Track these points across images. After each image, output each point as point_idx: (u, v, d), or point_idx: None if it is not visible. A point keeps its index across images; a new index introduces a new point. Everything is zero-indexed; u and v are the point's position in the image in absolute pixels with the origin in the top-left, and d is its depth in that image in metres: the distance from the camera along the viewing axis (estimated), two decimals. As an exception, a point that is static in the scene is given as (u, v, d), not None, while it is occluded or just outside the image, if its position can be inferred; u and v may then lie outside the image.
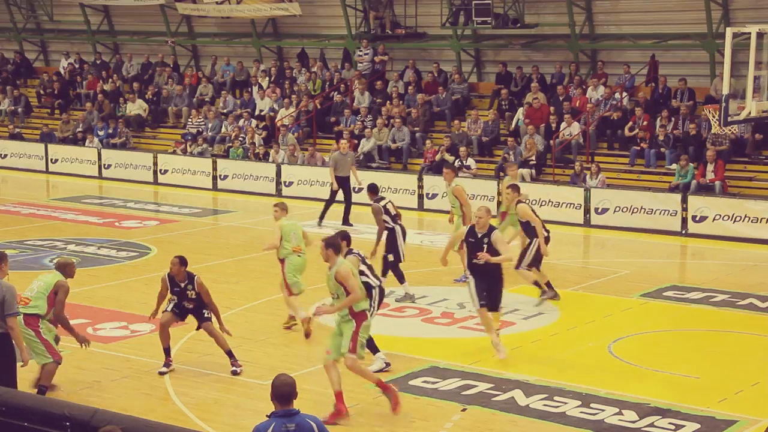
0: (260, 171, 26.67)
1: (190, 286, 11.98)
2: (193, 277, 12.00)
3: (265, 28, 32.14)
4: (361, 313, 10.72)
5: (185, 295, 12.02)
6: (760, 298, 15.52)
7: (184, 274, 11.98)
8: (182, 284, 12.01)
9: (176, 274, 11.99)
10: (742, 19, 23.25)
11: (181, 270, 11.96)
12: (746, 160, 22.86)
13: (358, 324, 10.70)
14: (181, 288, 12.02)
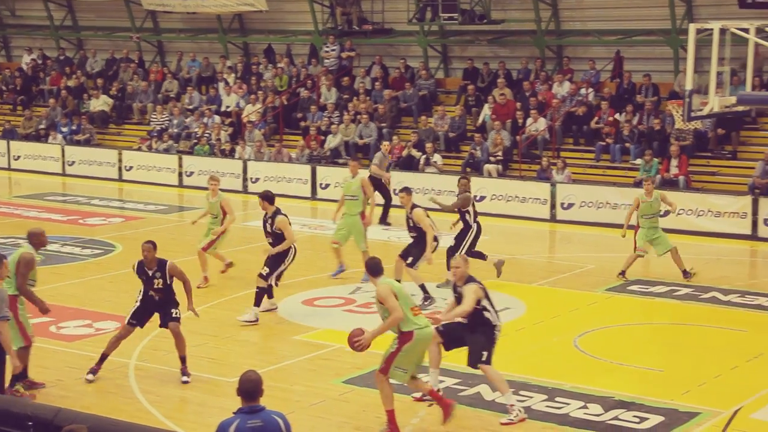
0: (226, 167, 26.55)
1: (158, 274, 11.53)
2: (164, 264, 11.54)
3: (231, 24, 32.00)
4: (407, 333, 9.91)
5: (152, 283, 11.59)
6: (723, 292, 15.68)
7: (155, 260, 11.60)
8: (150, 272, 11.57)
9: (149, 260, 11.57)
10: (705, 16, 23.47)
11: (153, 256, 11.56)
12: (709, 155, 23.08)
13: (400, 346, 9.94)
14: (148, 276, 11.60)
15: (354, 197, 16.20)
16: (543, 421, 10.43)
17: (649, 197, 16.33)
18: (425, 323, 10.10)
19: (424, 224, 14.72)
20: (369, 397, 11.13)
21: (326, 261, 17.25)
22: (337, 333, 13.64)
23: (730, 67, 15.92)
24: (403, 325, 9.93)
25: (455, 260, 10.83)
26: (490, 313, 10.55)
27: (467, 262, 10.80)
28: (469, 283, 10.49)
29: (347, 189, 16.31)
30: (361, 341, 9.95)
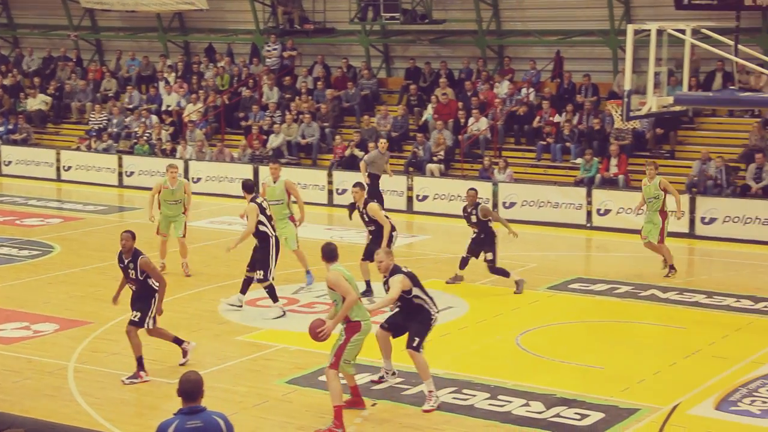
0: (167, 167, 26.25)
1: (131, 265, 11.55)
2: (137, 256, 11.55)
3: (171, 23, 31.71)
4: (354, 324, 10.17)
5: (127, 273, 11.65)
6: (661, 289, 15.91)
7: (131, 251, 11.59)
8: (126, 261, 11.61)
9: (126, 249, 11.59)
10: (642, 17, 23.79)
11: (131, 246, 11.58)
12: (647, 154, 23.37)
13: (348, 337, 10.16)
14: (124, 265, 11.65)
15: (279, 201, 15.90)
16: (486, 419, 10.48)
17: (650, 181, 16.94)
18: (369, 315, 10.40)
19: (380, 217, 14.74)
20: (312, 397, 11.11)
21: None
22: (280, 333, 13.61)
23: (668, 67, 16.14)
24: (351, 314, 10.13)
25: (378, 255, 11.05)
26: (423, 300, 10.83)
27: (390, 254, 11.02)
28: (395, 275, 10.75)
29: (271, 194, 15.85)
30: (324, 330, 10.10)
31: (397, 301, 10.97)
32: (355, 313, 10.19)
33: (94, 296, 15.28)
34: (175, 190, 16.82)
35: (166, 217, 16.90)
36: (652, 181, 17.01)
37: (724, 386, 11.39)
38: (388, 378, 11.45)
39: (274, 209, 15.73)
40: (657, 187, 16.88)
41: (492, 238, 15.95)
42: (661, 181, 17.03)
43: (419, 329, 10.79)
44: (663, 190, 16.89)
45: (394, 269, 10.82)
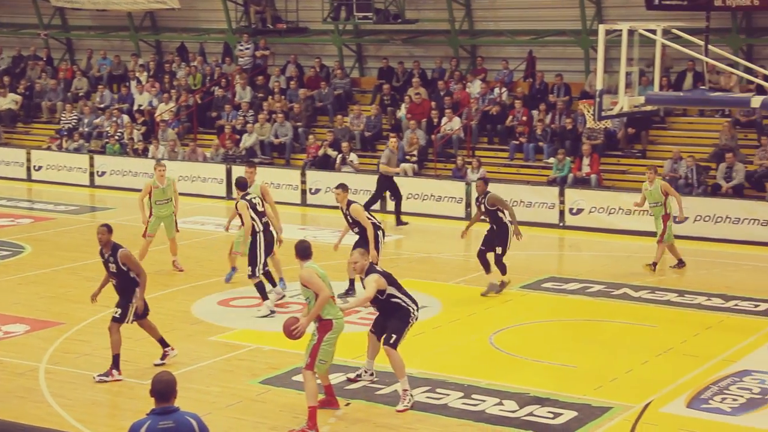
0: (139, 167, 26.17)
1: (111, 259, 11.51)
2: (117, 250, 11.50)
3: (142, 22, 31.54)
4: (326, 322, 10.16)
5: (107, 267, 11.61)
6: (634, 288, 16.00)
7: (109, 244, 11.55)
8: (106, 255, 11.57)
9: (103, 244, 11.55)
10: (614, 17, 23.92)
11: (108, 239, 11.54)
12: (619, 153, 23.53)
13: (321, 336, 10.16)
14: (105, 259, 11.61)
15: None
16: (459, 418, 10.50)
17: (650, 186, 17.23)
18: (341, 314, 10.39)
19: (362, 219, 14.61)
20: (285, 397, 11.09)
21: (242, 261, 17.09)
22: (253, 333, 13.57)
23: (639, 67, 16.24)
24: (323, 312, 10.14)
25: (353, 255, 11.05)
26: (399, 299, 10.86)
27: (365, 255, 11.01)
28: (370, 274, 10.76)
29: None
30: (298, 328, 10.10)
31: (375, 304, 10.98)
32: (327, 311, 10.18)
33: (65, 297, 15.17)
34: (165, 188, 16.85)
35: (158, 218, 16.87)
36: (652, 185, 17.24)
37: (696, 384, 11.47)
38: (364, 377, 11.44)
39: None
40: (659, 191, 17.16)
41: (504, 231, 15.50)
42: (662, 185, 17.35)
43: (397, 326, 10.81)
44: (664, 194, 17.18)
45: (370, 269, 10.83)
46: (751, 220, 19.69)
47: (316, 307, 10.11)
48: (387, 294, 10.81)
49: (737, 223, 19.77)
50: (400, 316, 10.85)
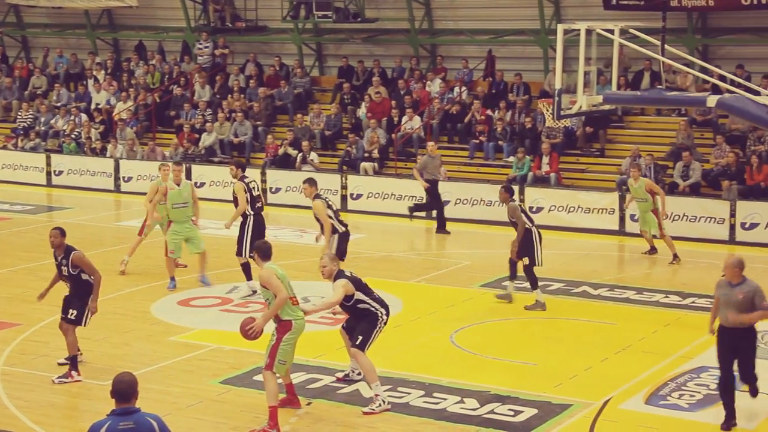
0: (97, 166, 25.97)
1: (64, 262, 11.45)
2: (69, 252, 11.44)
3: (99, 20, 31.26)
4: (286, 323, 10.15)
5: (60, 270, 11.54)
6: (593, 286, 16.12)
7: (62, 247, 11.49)
8: (59, 258, 11.50)
9: (56, 246, 11.49)
10: (572, 17, 24.10)
11: (60, 242, 11.48)
12: (578, 152, 23.69)
13: (280, 337, 10.15)
14: (58, 262, 11.55)
15: (185, 204, 15.83)
16: (420, 417, 10.52)
17: (635, 183, 17.96)
18: (301, 315, 10.35)
19: (322, 217, 14.41)
20: (247, 397, 11.05)
21: (188, 259, 17.03)
22: (214, 333, 13.50)
23: (597, 66, 16.35)
24: (282, 313, 10.13)
25: (322, 260, 10.96)
26: (367, 304, 10.84)
27: (334, 260, 10.98)
28: (338, 279, 10.74)
29: (177, 197, 15.74)
30: (253, 327, 10.11)
31: (344, 309, 10.99)
32: (286, 312, 10.16)
33: (22, 297, 14.99)
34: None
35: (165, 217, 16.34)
36: (637, 183, 17.99)
37: (654, 381, 11.58)
38: (354, 377, 11.44)
39: (179, 212, 15.74)
40: (643, 189, 17.86)
41: (528, 239, 14.70)
42: (647, 183, 18.02)
43: (365, 329, 10.83)
44: (649, 191, 17.82)
45: (339, 274, 10.78)
46: (708, 218, 19.92)
47: (273, 308, 10.10)
48: (354, 299, 10.78)
49: (694, 221, 20.00)
50: (369, 321, 10.85)
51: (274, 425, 10.01)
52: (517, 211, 14.80)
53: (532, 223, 14.86)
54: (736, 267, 10.07)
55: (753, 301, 9.96)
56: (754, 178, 20.74)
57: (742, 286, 10.01)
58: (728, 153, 21.43)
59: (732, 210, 19.74)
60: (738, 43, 24.04)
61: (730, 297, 9.99)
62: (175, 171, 15.96)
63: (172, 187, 15.88)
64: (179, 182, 15.86)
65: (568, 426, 10.36)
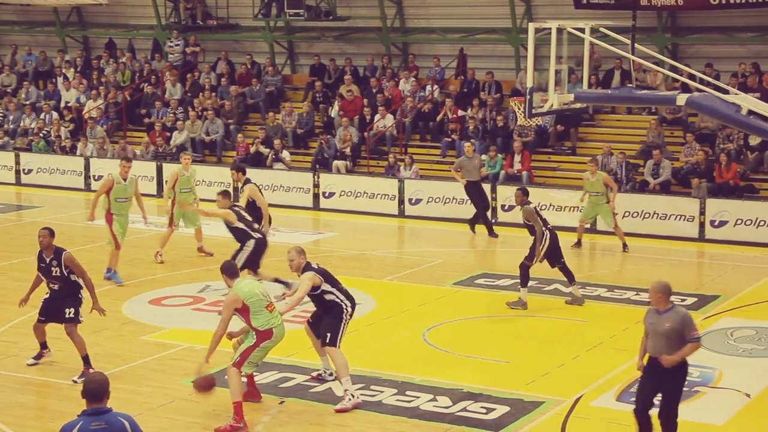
0: (67, 165, 25.78)
1: (55, 263, 11.36)
2: (60, 253, 11.37)
3: (69, 17, 31.02)
4: (266, 331, 10.20)
5: (50, 272, 11.41)
6: (564, 284, 16.16)
7: (51, 248, 11.39)
8: (48, 259, 11.40)
9: (45, 247, 11.38)
10: (543, 15, 24.19)
11: (49, 243, 11.39)
12: (550, 150, 23.79)
13: (258, 342, 10.22)
14: (46, 264, 11.42)
15: (127, 199, 16.09)
16: (393, 415, 10.53)
17: (593, 177, 18.59)
18: (280, 321, 10.37)
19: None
20: (219, 396, 11.00)
21: (174, 260, 16.97)
22: (185, 332, 13.45)
23: (568, 65, 16.43)
24: (261, 325, 10.17)
25: (289, 253, 10.99)
26: (333, 295, 10.88)
27: (301, 253, 10.97)
28: (305, 272, 10.80)
29: (122, 192, 15.98)
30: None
31: (311, 299, 10.99)
32: (267, 322, 10.20)
33: (-9, 298, 14.86)
34: (190, 176, 17.70)
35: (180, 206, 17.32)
36: (594, 177, 18.52)
37: (625, 378, 11.64)
38: (326, 377, 11.43)
39: (122, 206, 15.98)
40: (600, 183, 18.51)
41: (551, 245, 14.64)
42: (604, 177, 18.68)
43: (331, 324, 10.85)
44: (605, 185, 18.54)
45: (306, 267, 10.84)
46: (678, 216, 20.06)
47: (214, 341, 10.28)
48: (321, 290, 10.83)
49: (664, 219, 20.14)
50: (334, 314, 10.88)
51: (240, 419, 10.06)
52: (533, 214, 14.67)
53: (545, 225, 14.79)
54: (659, 292, 9.27)
55: (681, 333, 9.08)
56: (723, 176, 20.92)
57: (669, 314, 9.21)
58: (698, 151, 21.59)
59: (702, 208, 19.89)
60: (707, 42, 24.24)
61: (657, 326, 9.19)
62: (124, 167, 16.12)
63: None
64: (126, 178, 16.06)
65: (541, 423, 10.40)
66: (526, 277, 14.70)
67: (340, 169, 23.91)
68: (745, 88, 20.89)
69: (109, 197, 15.90)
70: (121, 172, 16.03)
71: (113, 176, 16.02)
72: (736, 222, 19.59)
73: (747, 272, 17.31)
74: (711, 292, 15.79)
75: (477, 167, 20.40)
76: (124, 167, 16.10)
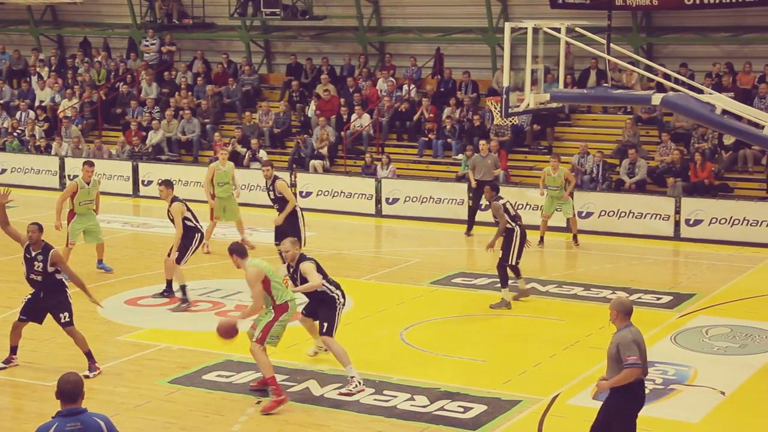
0: (42, 164, 25.63)
1: (40, 257, 11.38)
2: (48, 250, 11.41)
3: (43, 16, 30.82)
4: (282, 305, 10.73)
5: (32, 266, 11.44)
6: (541, 282, 16.25)
7: (40, 243, 11.45)
8: (33, 253, 11.43)
9: (33, 242, 11.43)
10: (519, 15, 24.27)
11: (38, 238, 11.45)
12: (526, 150, 23.86)
13: (277, 315, 10.74)
14: (30, 257, 11.47)
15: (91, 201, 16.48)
16: (371, 414, 10.52)
17: (554, 173, 18.97)
18: (293, 295, 10.99)
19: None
20: (195, 396, 10.98)
21: (149, 260, 16.90)
22: (161, 332, 13.39)
23: (544, 65, 16.49)
24: (279, 298, 10.76)
25: (284, 244, 11.34)
26: (325, 287, 11.32)
27: (295, 243, 11.29)
28: (303, 262, 11.18)
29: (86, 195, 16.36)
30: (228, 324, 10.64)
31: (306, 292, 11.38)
32: (282, 296, 10.76)
33: (-35, 298, 14.75)
34: (227, 170, 18.28)
35: (220, 200, 18.04)
36: (556, 173, 18.97)
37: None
38: (321, 352, 12.04)
39: (85, 207, 16.34)
40: (562, 178, 18.88)
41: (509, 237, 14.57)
42: (566, 172, 19.11)
43: (327, 315, 11.25)
44: (566, 179, 18.97)
45: (301, 258, 11.20)
46: (653, 215, 20.17)
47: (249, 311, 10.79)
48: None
49: (640, 218, 20.24)
50: (328, 305, 11.26)
51: (280, 392, 10.54)
52: (500, 210, 14.66)
53: (515, 222, 14.69)
54: (612, 308, 8.41)
55: (618, 357, 8.25)
56: (698, 175, 21.05)
57: (616, 335, 8.38)
58: (673, 150, 21.72)
59: (677, 207, 20.02)
60: (681, 42, 24.39)
61: (609, 348, 8.40)
62: (87, 171, 16.35)
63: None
64: (89, 181, 16.33)
65: (518, 422, 10.43)
66: (505, 277, 14.71)
67: (317, 168, 23.89)
68: (719, 87, 21.05)
69: (73, 201, 16.23)
70: (84, 176, 16.31)
71: (77, 181, 16.35)
72: (710, 221, 19.73)
73: (722, 270, 17.44)
74: (686, 290, 15.88)
75: (490, 167, 20.26)
76: (86, 171, 16.36)
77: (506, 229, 14.68)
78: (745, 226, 19.43)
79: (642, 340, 8.41)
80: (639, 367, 8.24)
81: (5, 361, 11.86)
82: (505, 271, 14.71)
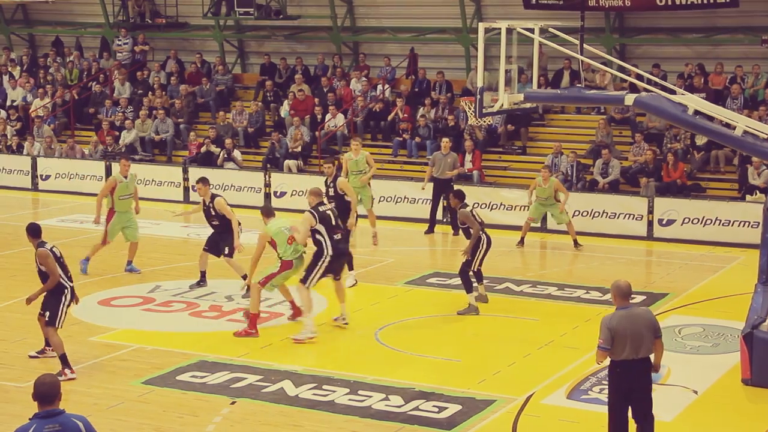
0: (14, 164, 25.43)
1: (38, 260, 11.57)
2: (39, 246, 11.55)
3: (14, 15, 30.58)
4: (287, 262, 12.84)
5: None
6: (516, 282, 16.30)
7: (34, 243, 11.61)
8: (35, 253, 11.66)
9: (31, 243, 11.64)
10: (493, 15, 24.33)
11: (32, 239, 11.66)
12: (500, 150, 23.93)
13: (282, 269, 12.88)
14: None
15: (130, 195, 16.61)
16: (346, 415, 10.52)
17: (544, 184, 18.96)
18: (299, 252, 12.94)
19: (227, 212, 15.12)
20: (169, 397, 10.94)
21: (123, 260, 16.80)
22: (135, 333, 13.33)
23: (518, 65, 16.53)
24: (284, 255, 12.80)
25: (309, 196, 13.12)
26: (322, 238, 12.77)
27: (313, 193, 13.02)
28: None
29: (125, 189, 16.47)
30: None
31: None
32: (289, 253, 12.84)
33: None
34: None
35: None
36: (546, 183, 18.94)
37: (576, 375, 11.76)
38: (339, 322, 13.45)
39: (125, 203, 16.51)
40: (552, 189, 18.89)
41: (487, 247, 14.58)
42: (556, 183, 19.09)
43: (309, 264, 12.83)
44: (555, 190, 18.97)
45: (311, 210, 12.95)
46: (627, 215, 20.29)
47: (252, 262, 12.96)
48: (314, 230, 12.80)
49: (613, 218, 20.35)
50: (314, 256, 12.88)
51: (253, 327, 12.71)
52: (470, 216, 14.56)
53: (481, 228, 14.62)
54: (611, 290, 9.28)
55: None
56: (670, 176, 21.20)
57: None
58: (646, 151, 21.86)
59: (650, 206, 20.14)
60: (654, 42, 24.55)
61: None
62: (125, 165, 16.58)
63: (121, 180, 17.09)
64: (126, 175, 16.57)
65: (492, 421, 10.46)
66: (469, 282, 14.50)
67: (291, 168, 23.85)
68: (691, 88, 21.19)
69: (112, 196, 16.39)
70: (122, 170, 16.53)
71: (115, 176, 16.57)
72: (683, 221, 19.87)
73: (694, 270, 17.56)
74: (659, 290, 15.99)
75: (449, 165, 20.26)
76: (124, 165, 16.59)
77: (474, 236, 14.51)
78: (718, 226, 19.58)
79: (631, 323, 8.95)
80: (602, 350, 9.00)
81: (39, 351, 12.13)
82: (467, 276, 14.55)
